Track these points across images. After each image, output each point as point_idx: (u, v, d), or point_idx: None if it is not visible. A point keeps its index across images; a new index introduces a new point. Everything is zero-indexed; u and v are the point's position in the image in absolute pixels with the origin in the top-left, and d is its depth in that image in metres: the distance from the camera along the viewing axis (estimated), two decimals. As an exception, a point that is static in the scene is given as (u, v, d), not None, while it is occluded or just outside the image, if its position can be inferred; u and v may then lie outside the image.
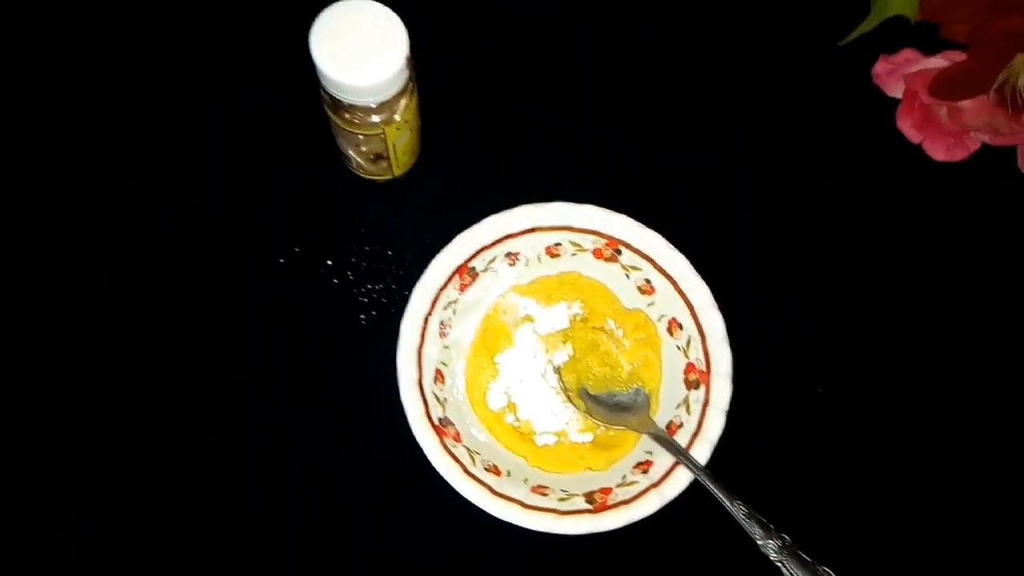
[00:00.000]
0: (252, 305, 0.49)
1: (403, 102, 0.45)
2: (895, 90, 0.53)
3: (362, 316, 0.49)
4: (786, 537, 0.40)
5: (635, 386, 0.47)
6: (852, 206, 0.52)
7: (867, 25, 0.53)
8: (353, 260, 0.50)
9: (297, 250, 0.50)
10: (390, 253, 0.50)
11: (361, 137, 0.46)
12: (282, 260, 0.50)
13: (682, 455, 0.43)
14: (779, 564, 0.40)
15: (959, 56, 0.51)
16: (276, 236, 0.50)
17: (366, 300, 0.49)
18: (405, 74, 0.43)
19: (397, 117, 0.45)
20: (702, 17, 0.55)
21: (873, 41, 0.53)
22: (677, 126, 0.53)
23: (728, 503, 0.41)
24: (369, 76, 0.41)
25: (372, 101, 0.43)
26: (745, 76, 0.54)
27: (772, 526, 0.41)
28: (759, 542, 0.40)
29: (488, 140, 0.52)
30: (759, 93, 0.54)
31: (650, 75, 0.54)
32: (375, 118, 0.44)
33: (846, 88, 0.54)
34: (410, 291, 0.46)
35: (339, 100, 0.44)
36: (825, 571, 0.39)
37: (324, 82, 0.43)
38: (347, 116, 0.45)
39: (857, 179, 0.53)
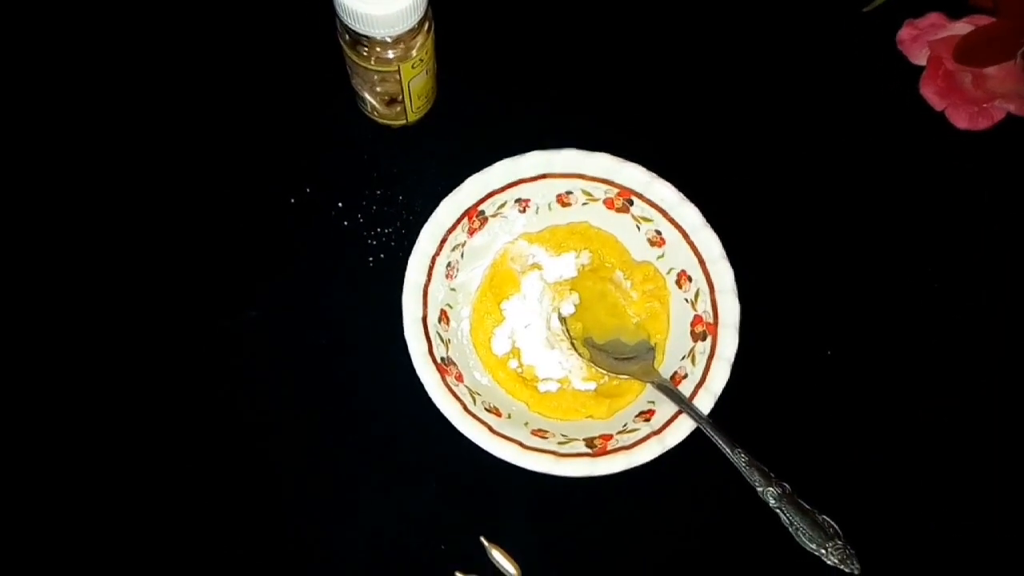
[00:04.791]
0: (260, 243, 0.49)
1: (419, 39, 0.45)
2: (920, 57, 0.52)
3: (370, 259, 0.49)
4: (786, 485, 0.40)
5: (641, 337, 0.46)
6: (872, 173, 0.51)
7: (893, -10, 0.52)
8: (364, 203, 0.50)
9: (308, 191, 0.50)
10: (401, 198, 0.50)
11: (376, 76, 0.46)
12: (293, 200, 0.50)
13: (685, 404, 0.42)
14: (778, 511, 0.39)
15: (985, 21, 0.50)
16: (288, 176, 0.50)
17: (375, 243, 0.49)
18: (422, 8, 0.43)
19: (413, 54, 0.45)
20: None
21: (898, 7, 0.53)
22: (697, 83, 0.53)
23: (729, 451, 0.41)
24: (387, 6, 0.41)
25: (389, 34, 0.43)
26: (770, 39, 0.54)
27: (772, 474, 0.40)
28: (759, 489, 0.40)
29: (503, 90, 0.52)
30: (783, 56, 0.53)
31: (671, 33, 0.54)
32: (391, 54, 0.44)
33: (870, 54, 0.53)
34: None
35: (356, 35, 0.44)
36: (824, 519, 0.39)
37: (342, 14, 0.43)
38: (364, 52, 0.45)
39: (878, 145, 0.52)
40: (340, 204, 0.50)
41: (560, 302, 0.47)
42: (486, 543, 0.44)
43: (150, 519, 0.45)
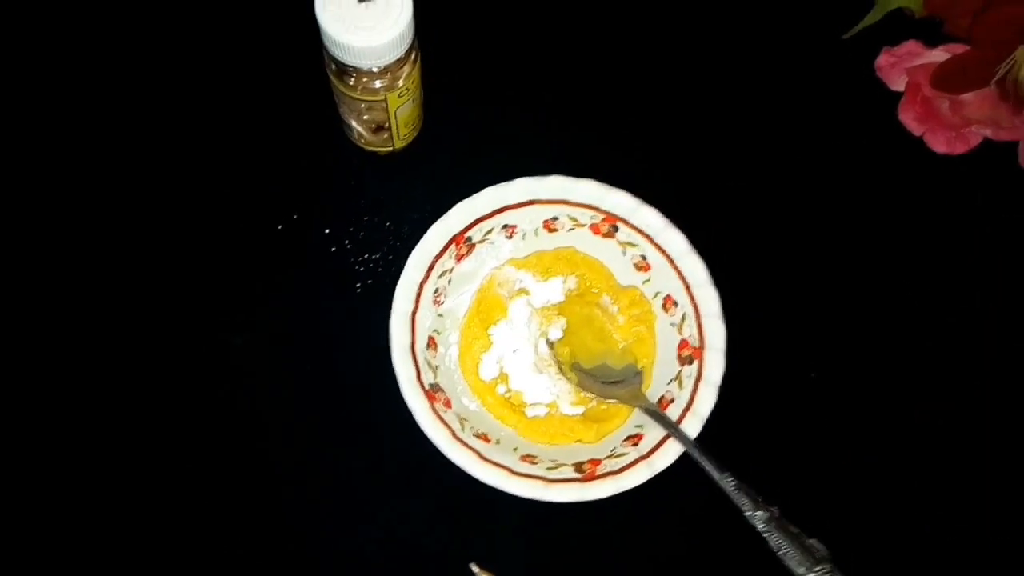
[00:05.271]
0: (248, 270, 0.49)
1: (406, 69, 0.45)
2: (898, 83, 0.53)
3: (358, 285, 0.49)
4: (774, 509, 0.40)
5: (628, 361, 0.47)
6: (852, 196, 0.52)
7: (871, 18, 0.53)
8: (351, 229, 0.50)
9: (295, 217, 0.50)
10: (388, 224, 0.50)
11: (363, 105, 0.46)
12: (280, 227, 0.50)
13: (672, 428, 0.43)
14: (765, 534, 0.39)
15: (962, 49, 0.51)
16: (275, 203, 0.50)
17: (362, 269, 0.50)
18: (408, 38, 0.43)
19: (400, 83, 0.45)
20: (710, 5, 0.56)
21: (877, 35, 0.54)
22: (680, 110, 0.54)
23: (717, 475, 0.41)
24: (374, 38, 0.42)
25: (376, 65, 0.44)
26: (750, 66, 0.55)
27: (760, 498, 0.40)
28: (747, 513, 0.40)
29: (489, 116, 0.53)
30: (763, 82, 0.54)
31: (655, 59, 0.55)
32: (378, 84, 0.45)
33: (849, 80, 0.54)
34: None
35: (344, 65, 0.44)
36: (812, 543, 0.39)
37: (329, 45, 0.43)
38: (351, 82, 0.45)
39: (858, 170, 0.53)
40: (327, 231, 0.50)
41: (547, 327, 0.48)
42: (476, 569, 0.43)
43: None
